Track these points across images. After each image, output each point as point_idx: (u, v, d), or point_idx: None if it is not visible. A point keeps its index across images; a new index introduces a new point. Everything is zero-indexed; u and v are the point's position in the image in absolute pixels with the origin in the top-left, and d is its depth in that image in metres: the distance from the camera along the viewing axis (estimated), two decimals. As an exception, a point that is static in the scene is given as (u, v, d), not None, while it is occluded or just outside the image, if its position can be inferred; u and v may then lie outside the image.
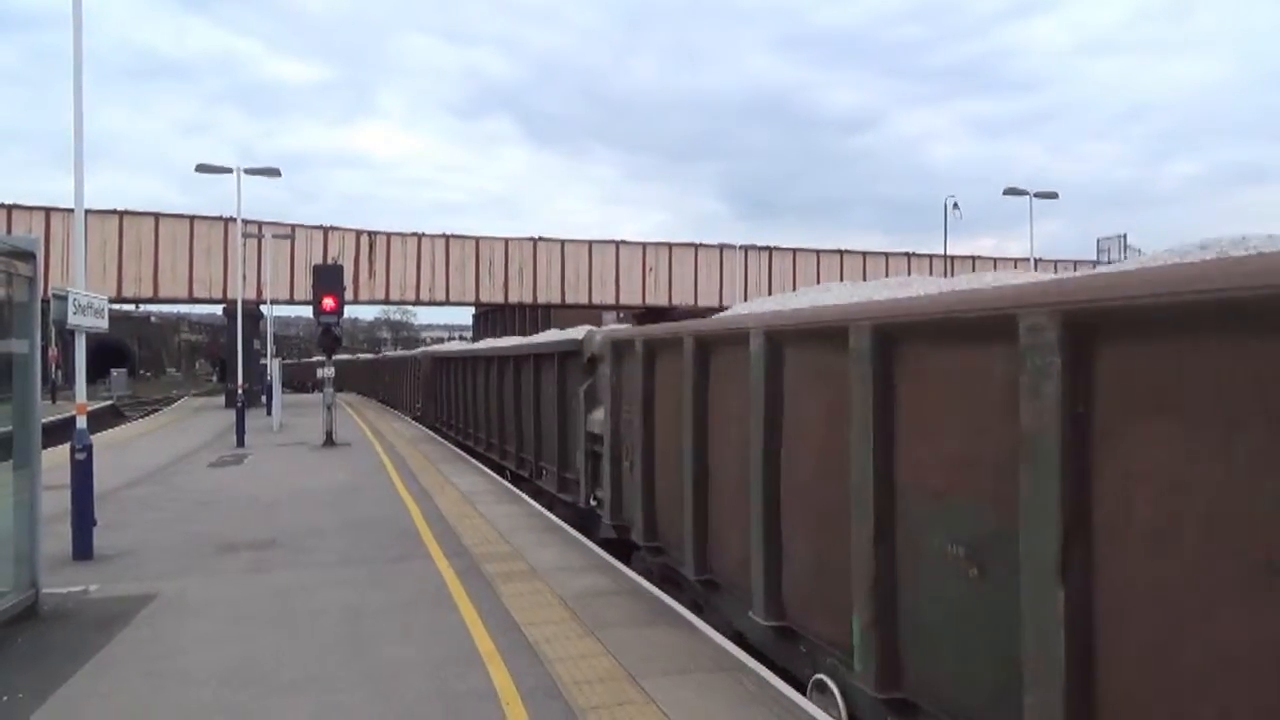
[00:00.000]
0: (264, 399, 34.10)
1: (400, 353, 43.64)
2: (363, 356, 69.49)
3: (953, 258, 47.29)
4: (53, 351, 49.80)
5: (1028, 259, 43.07)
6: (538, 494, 13.31)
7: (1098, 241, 53.70)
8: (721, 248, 47.63)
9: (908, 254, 51.39)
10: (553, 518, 11.46)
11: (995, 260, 51.86)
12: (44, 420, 7.90)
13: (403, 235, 43.55)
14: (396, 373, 39.60)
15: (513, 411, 15.30)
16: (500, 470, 16.28)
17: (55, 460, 12.80)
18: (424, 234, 43.93)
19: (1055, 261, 51.52)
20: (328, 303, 21.52)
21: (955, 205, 39.14)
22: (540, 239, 45.58)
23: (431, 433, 25.05)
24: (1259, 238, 3.98)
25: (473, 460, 18.15)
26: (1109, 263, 50.06)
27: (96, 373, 54.21)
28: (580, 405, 10.49)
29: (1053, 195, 38.00)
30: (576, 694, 5.35)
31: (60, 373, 46.59)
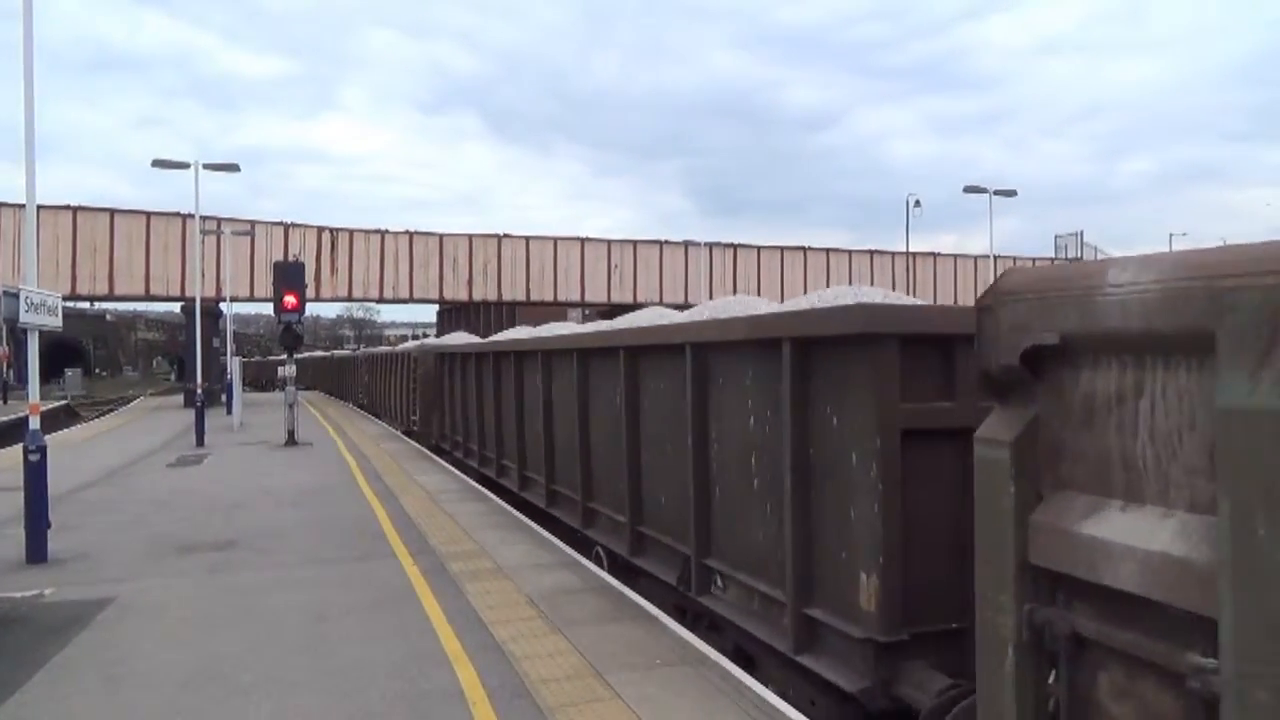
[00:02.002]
0: (224, 398, 33.58)
1: (386, 349, 39.41)
2: (338, 353, 66.92)
3: (914, 254, 47.83)
4: (3, 350, 48.74)
5: (988, 255, 43.76)
6: (683, 614, 7.09)
7: (1055, 238, 54.90)
8: (686, 245, 47.69)
9: (870, 251, 51.81)
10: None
11: (955, 257, 52.64)
12: (-5, 421, 7.72)
13: (365, 232, 43.07)
14: (380, 374, 32.08)
15: (625, 451, 8.28)
16: (579, 541, 9.69)
17: (8, 462, 12.51)
18: (387, 231, 43.48)
19: (1014, 258, 52.34)
20: (289, 300, 21.29)
21: (917, 203, 39.66)
22: (505, 235, 45.33)
23: (433, 455, 18.66)
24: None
25: (437, 459, 17.99)
26: (1068, 258, 51.16)
27: (50, 372, 53.15)
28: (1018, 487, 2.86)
29: (1011, 193, 38.63)
30: (544, 692, 5.35)
31: (12, 372, 45.59)
